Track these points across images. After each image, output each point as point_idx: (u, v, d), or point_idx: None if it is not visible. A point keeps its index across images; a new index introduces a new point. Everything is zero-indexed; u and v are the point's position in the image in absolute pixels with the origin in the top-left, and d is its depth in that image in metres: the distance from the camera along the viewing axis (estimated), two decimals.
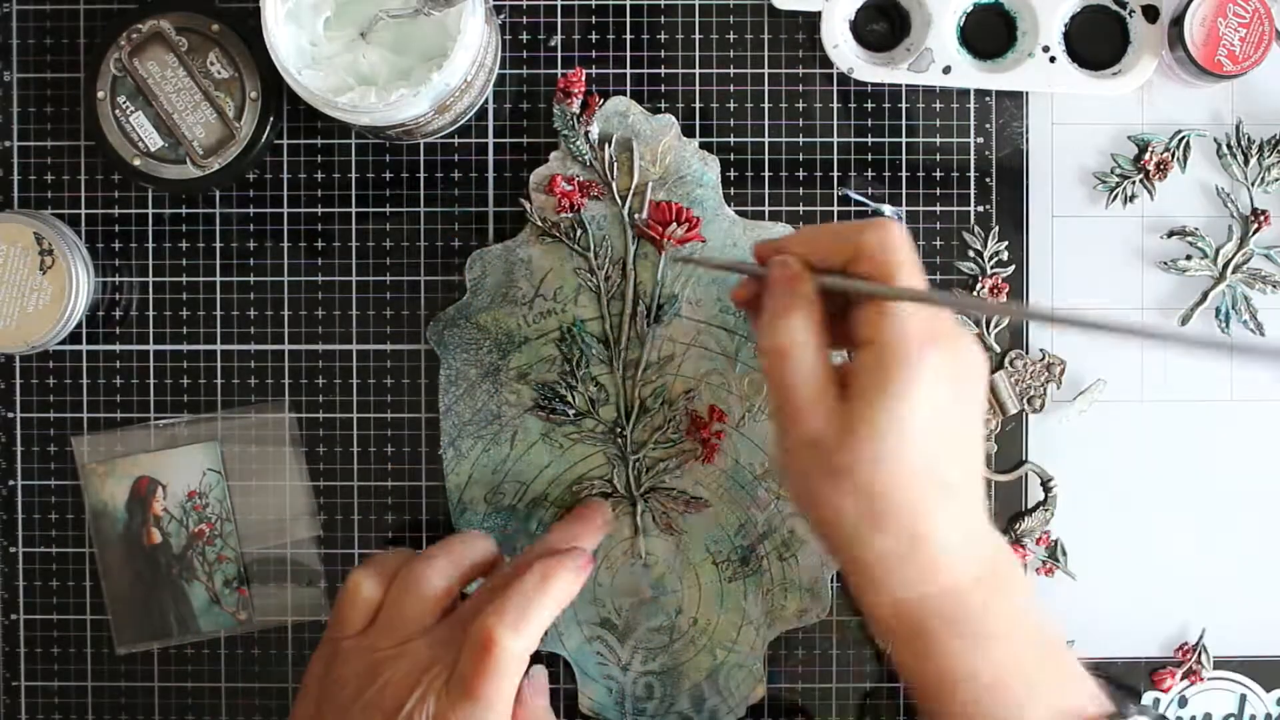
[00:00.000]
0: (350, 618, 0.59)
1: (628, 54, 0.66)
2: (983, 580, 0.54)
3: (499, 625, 0.55)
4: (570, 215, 0.65)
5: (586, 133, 0.65)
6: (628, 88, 0.66)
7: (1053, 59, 0.65)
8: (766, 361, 0.55)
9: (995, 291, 0.66)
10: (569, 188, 0.65)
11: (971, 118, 0.66)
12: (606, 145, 0.65)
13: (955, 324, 0.54)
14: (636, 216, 0.65)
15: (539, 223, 0.65)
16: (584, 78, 0.65)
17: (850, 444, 0.52)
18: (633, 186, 0.65)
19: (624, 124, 0.65)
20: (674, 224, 0.65)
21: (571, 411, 0.65)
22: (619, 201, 0.65)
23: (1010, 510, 0.67)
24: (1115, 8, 0.65)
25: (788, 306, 0.54)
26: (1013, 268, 0.66)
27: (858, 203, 0.66)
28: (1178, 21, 0.63)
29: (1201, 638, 0.67)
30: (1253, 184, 0.66)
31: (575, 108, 0.65)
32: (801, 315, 0.54)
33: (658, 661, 0.66)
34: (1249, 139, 0.66)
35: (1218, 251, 0.66)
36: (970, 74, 0.65)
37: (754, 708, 0.66)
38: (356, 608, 0.59)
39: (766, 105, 0.66)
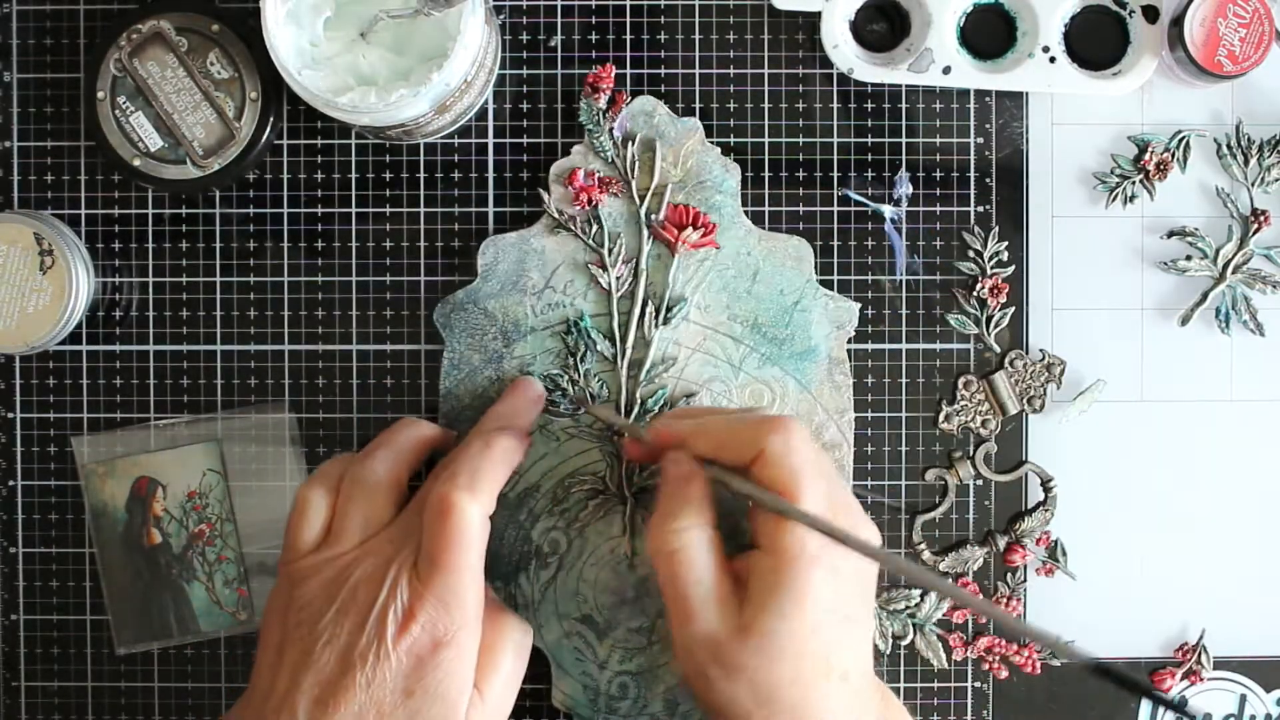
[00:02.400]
0: (304, 533, 0.58)
1: (627, 54, 0.66)
2: None
3: (454, 489, 0.55)
4: (586, 210, 0.65)
5: (610, 129, 0.65)
6: (627, 87, 0.66)
7: (1053, 59, 0.65)
8: (657, 561, 0.56)
9: (995, 291, 0.66)
10: (588, 183, 0.65)
11: (971, 118, 0.66)
12: (630, 143, 0.65)
13: (850, 508, 0.56)
14: (653, 217, 0.65)
15: (555, 214, 0.65)
16: (613, 75, 0.65)
17: (746, 644, 0.54)
18: (652, 187, 0.65)
19: (649, 124, 0.65)
20: (690, 228, 0.65)
21: (570, 405, 0.65)
22: (637, 200, 0.65)
23: (1010, 510, 0.67)
24: (1115, 8, 0.65)
25: (678, 503, 0.56)
26: (1013, 268, 0.66)
27: (858, 203, 0.66)
28: (1178, 21, 0.63)
29: (1201, 638, 0.67)
30: (1253, 184, 0.66)
31: (602, 103, 0.65)
32: (692, 517, 0.56)
33: (635, 662, 0.66)
34: (1249, 139, 0.66)
35: (1218, 252, 0.66)
36: (970, 74, 0.65)
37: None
38: (309, 521, 0.58)
39: (766, 105, 0.66)
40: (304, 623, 0.56)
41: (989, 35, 0.66)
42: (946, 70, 0.65)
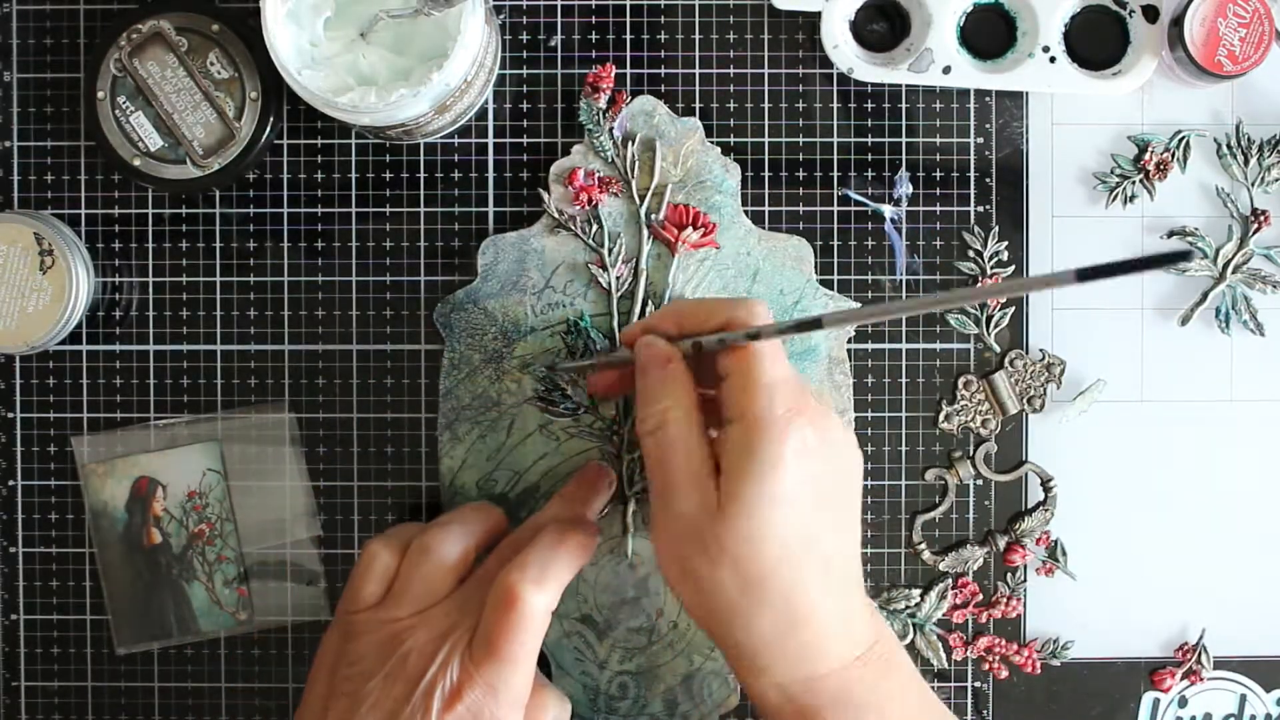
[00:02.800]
0: (366, 589, 0.58)
1: (627, 54, 0.66)
2: (867, 660, 0.55)
3: (522, 580, 0.55)
4: (586, 210, 0.65)
5: (610, 129, 0.65)
6: (627, 87, 0.66)
7: (1053, 59, 0.65)
8: (642, 446, 0.55)
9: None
10: (588, 182, 0.65)
11: (971, 118, 0.66)
12: (630, 143, 0.65)
13: (820, 405, 0.55)
14: (653, 217, 0.65)
15: (555, 214, 0.65)
16: (613, 75, 0.65)
17: (723, 521, 0.52)
18: (652, 187, 0.65)
19: (649, 124, 0.65)
20: (690, 228, 0.65)
21: (571, 405, 0.65)
22: (637, 200, 0.65)
23: (1010, 510, 0.67)
24: (1115, 8, 0.65)
25: (658, 384, 0.55)
26: (1013, 268, 0.66)
27: (858, 202, 0.66)
28: (1178, 21, 0.63)
29: (1201, 638, 0.67)
30: (1253, 184, 0.66)
31: (602, 103, 0.65)
32: (674, 393, 0.55)
33: (634, 662, 0.66)
34: (1249, 139, 0.66)
35: (1218, 251, 0.66)
36: (970, 74, 0.65)
37: (725, 716, 0.66)
38: (373, 578, 0.58)
39: (766, 105, 0.66)
40: (352, 678, 0.56)
41: (989, 35, 0.66)
42: (946, 70, 0.65)
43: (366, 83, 0.61)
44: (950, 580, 0.67)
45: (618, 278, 0.65)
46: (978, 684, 0.67)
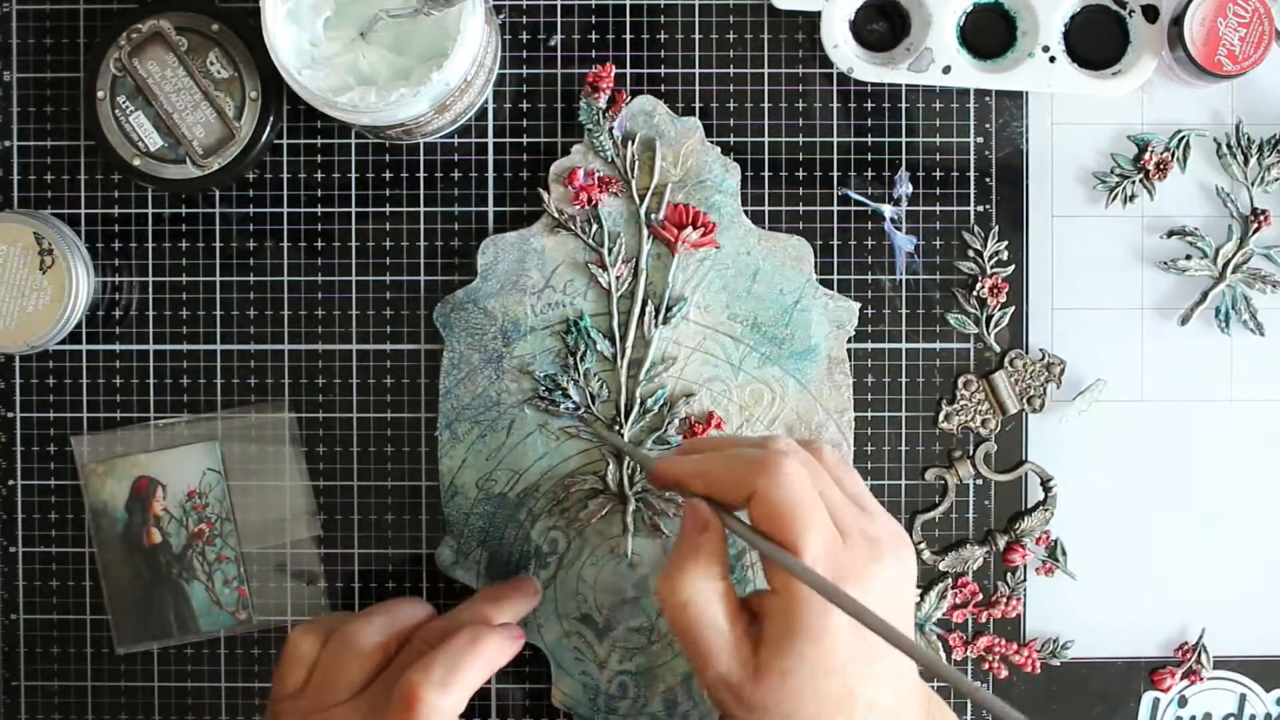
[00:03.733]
0: (288, 676, 0.58)
1: (627, 54, 0.66)
2: None
3: (424, 682, 0.55)
4: (586, 209, 0.65)
5: (610, 129, 0.65)
6: (627, 87, 0.66)
7: (1053, 59, 0.65)
8: (667, 610, 0.54)
9: (995, 291, 0.66)
10: (588, 182, 0.65)
11: (971, 118, 0.66)
12: (630, 143, 0.65)
13: (865, 555, 0.53)
14: (653, 217, 0.65)
15: (555, 214, 0.65)
16: (613, 74, 0.65)
17: (762, 685, 0.52)
18: (652, 186, 0.65)
19: (649, 124, 0.65)
20: (690, 228, 0.65)
21: (570, 405, 0.65)
22: (637, 200, 0.65)
23: (1010, 510, 0.67)
24: (1115, 8, 0.65)
25: (687, 562, 0.54)
26: (1013, 267, 0.66)
27: (858, 202, 0.66)
28: (1178, 21, 0.63)
29: (1201, 638, 0.67)
30: (1253, 184, 0.66)
31: (602, 103, 0.65)
32: (700, 570, 0.54)
33: (634, 662, 0.66)
34: (1249, 139, 0.66)
35: (1218, 251, 0.66)
36: (970, 74, 0.65)
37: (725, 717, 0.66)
38: (294, 666, 0.58)
39: (766, 105, 0.66)
40: None
41: (989, 35, 0.66)
42: (946, 70, 0.65)
43: (366, 83, 0.61)
44: (950, 580, 0.67)
45: (618, 277, 0.65)
46: (977, 684, 0.67)
